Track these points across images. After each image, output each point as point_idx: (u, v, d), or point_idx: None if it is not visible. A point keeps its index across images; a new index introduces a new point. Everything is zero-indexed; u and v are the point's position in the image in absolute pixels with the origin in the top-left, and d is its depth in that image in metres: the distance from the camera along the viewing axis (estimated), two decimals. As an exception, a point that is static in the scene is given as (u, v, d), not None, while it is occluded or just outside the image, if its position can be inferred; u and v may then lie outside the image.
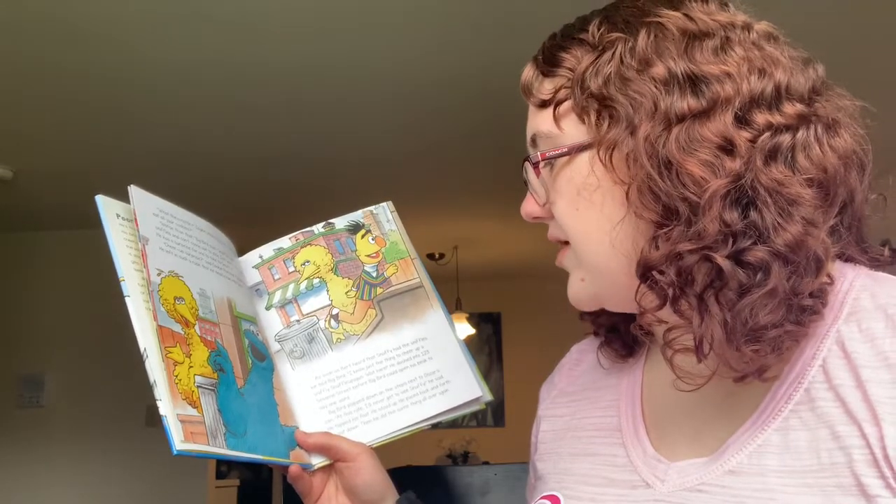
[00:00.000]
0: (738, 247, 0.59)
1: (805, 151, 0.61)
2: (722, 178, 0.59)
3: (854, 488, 0.57)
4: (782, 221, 0.59)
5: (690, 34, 0.64)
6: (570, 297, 0.73)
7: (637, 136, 0.62)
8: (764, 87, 0.62)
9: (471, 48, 2.64)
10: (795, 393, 0.62)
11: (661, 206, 0.61)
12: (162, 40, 2.52)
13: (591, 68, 0.66)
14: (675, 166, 0.60)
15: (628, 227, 0.64)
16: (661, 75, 0.63)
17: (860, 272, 0.66)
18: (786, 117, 0.62)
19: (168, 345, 0.76)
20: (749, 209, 0.60)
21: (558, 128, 0.68)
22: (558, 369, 0.88)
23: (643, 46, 0.64)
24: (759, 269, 0.59)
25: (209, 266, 0.87)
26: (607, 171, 0.65)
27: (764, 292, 0.59)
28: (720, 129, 0.61)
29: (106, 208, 0.81)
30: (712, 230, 0.59)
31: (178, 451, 0.72)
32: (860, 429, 0.58)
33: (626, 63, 0.64)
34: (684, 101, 0.61)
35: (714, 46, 0.64)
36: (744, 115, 0.61)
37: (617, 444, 0.74)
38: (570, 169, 0.68)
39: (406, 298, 0.94)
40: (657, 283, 0.62)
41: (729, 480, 0.63)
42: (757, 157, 0.60)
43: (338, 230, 0.98)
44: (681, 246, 0.60)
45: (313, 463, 0.87)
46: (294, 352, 0.92)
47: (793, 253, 0.59)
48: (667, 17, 0.65)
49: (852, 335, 0.61)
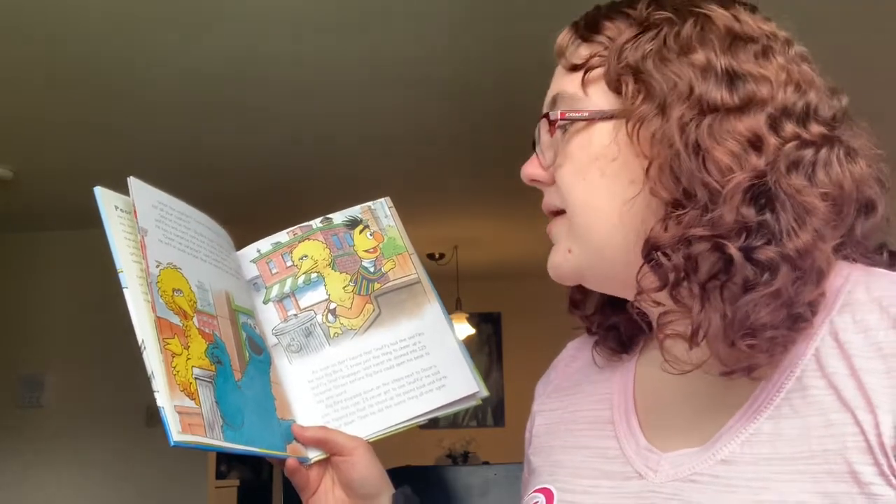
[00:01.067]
0: (749, 243, 0.60)
1: (825, 168, 0.62)
2: (747, 171, 0.60)
3: (846, 475, 0.57)
4: (796, 227, 0.60)
5: (735, 34, 0.65)
6: (550, 268, 0.73)
7: (669, 116, 0.63)
8: (797, 100, 0.63)
9: (470, 48, 2.65)
10: (787, 382, 0.62)
11: (681, 188, 0.61)
12: (163, 40, 2.52)
13: (633, 42, 0.66)
14: (703, 151, 0.61)
15: (640, 204, 0.64)
16: (701, 63, 0.63)
17: (855, 268, 0.67)
18: (811, 134, 0.63)
19: (166, 336, 0.76)
20: (766, 209, 0.60)
21: (584, 92, 0.69)
22: (554, 366, 0.88)
23: (688, 33, 0.65)
24: (768, 268, 0.59)
25: (207, 259, 0.87)
26: (631, 144, 0.65)
27: (769, 292, 0.59)
28: (752, 125, 0.62)
29: (104, 200, 0.81)
30: (729, 220, 0.60)
31: (176, 442, 0.71)
32: (854, 416, 0.58)
33: (669, 45, 0.65)
34: (719, 93, 0.62)
35: (756, 51, 0.65)
36: (775, 122, 0.62)
37: (609, 436, 0.74)
38: (586, 135, 0.68)
39: (403, 294, 0.94)
40: (661, 266, 0.62)
41: (722, 470, 0.63)
42: (781, 161, 0.61)
43: (336, 225, 0.98)
44: (693, 230, 0.60)
45: (310, 457, 0.87)
46: (291, 346, 0.92)
47: (801, 259, 0.60)
48: (715, 13, 0.66)
49: (846, 326, 0.62)
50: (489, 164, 3.74)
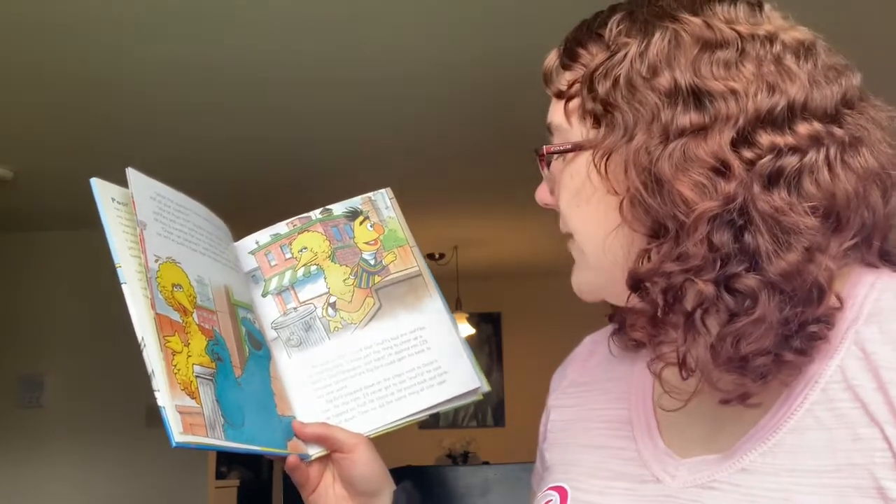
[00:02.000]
0: (726, 271, 0.58)
1: (813, 176, 0.59)
2: (713, 201, 0.58)
3: (872, 490, 0.56)
4: (778, 249, 0.57)
5: (703, 43, 0.62)
6: (573, 285, 0.73)
7: (631, 147, 0.61)
8: (773, 104, 0.59)
9: (469, 47, 2.64)
10: (812, 393, 0.61)
11: (651, 221, 0.60)
12: (163, 40, 2.52)
13: (601, 69, 0.64)
14: (666, 184, 0.59)
15: (622, 236, 0.64)
16: (666, 87, 0.61)
17: (882, 274, 0.64)
18: (796, 137, 0.59)
19: (166, 333, 0.74)
20: (744, 233, 0.58)
21: (568, 122, 0.68)
22: (571, 360, 0.87)
23: (654, 53, 0.62)
24: (748, 296, 0.58)
25: (206, 252, 0.85)
26: (602, 178, 0.64)
27: (750, 321, 0.58)
28: (714, 149, 0.59)
29: (101, 191, 0.78)
30: (697, 253, 0.58)
31: (178, 443, 0.70)
32: (882, 431, 0.56)
33: (636, 69, 0.62)
34: (686, 116, 0.60)
35: (726, 59, 0.61)
36: (747, 135, 0.59)
37: (627, 437, 0.73)
38: (573, 165, 0.68)
39: (404, 287, 0.93)
40: (647, 296, 0.62)
41: (741, 478, 0.62)
42: (755, 181, 0.58)
43: (336, 216, 0.96)
44: (664, 266, 0.60)
45: (310, 453, 0.86)
46: (291, 340, 0.91)
47: (787, 282, 0.57)
48: (685, 23, 0.63)
49: (872, 336, 0.60)
50: (489, 165, 3.74)
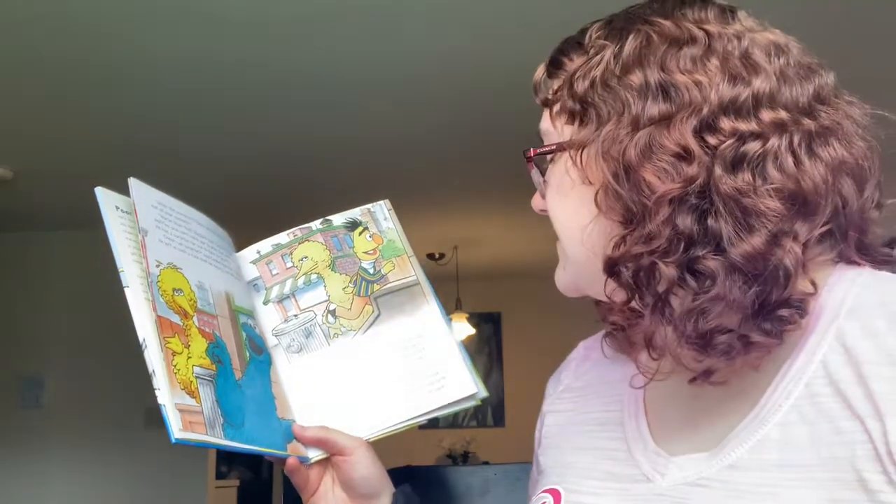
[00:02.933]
0: (690, 254, 0.60)
1: (776, 161, 0.61)
2: (674, 184, 0.61)
3: (855, 483, 0.57)
4: (741, 232, 0.59)
5: (672, 41, 0.65)
6: (556, 282, 0.76)
7: (600, 139, 0.65)
8: (737, 94, 0.62)
9: (469, 47, 2.65)
10: (795, 388, 0.62)
11: (623, 208, 0.63)
12: (163, 39, 2.52)
13: (580, 71, 0.68)
14: (632, 171, 0.62)
15: (601, 225, 0.66)
16: (637, 83, 0.64)
17: (863, 271, 0.66)
18: (759, 124, 0.61)
19: (167, 335, 0.76)
20: (708, 217, 0.60)
21: (553, 126, 0.71)
22: (565, 365, 0.89)
23: (627, 53, 0.66)
24: (708, 276, 0.60)
25: (207, 259, 0.88)
26: (578, 170, 0.67)
27: (708, 298, 0.60)
28: (677, 137, 0.62)
29: (105, 200, 0.81)
30: (661, 234, 0.61)
31: (177, 439, 0.72)
32: (863, 424, 0.57)
33: (610, 69, 0.66)
34: (655, 107, 0.63)
35: (693, 55, 0.64)
36: (711, 122, 0.62)
37: (619, 437, 0.74)
38: (556, 165, 0.71)
39: (402, 296, 0.95)
40: (620, 280, 0.64)
41: (729, 475, 0.63)
42: (717, 164, 0.60)
43: (335, 227, 0.99)
44: (633, 248, 0.62)
45: (310, 456, 0.87)
46: (291, 346, 0.93)
47: (749, 264, 0.59)
48: (655, 25, 0.66)
49: (853, 332, 0.61)
50: (489, 165, 3.74)
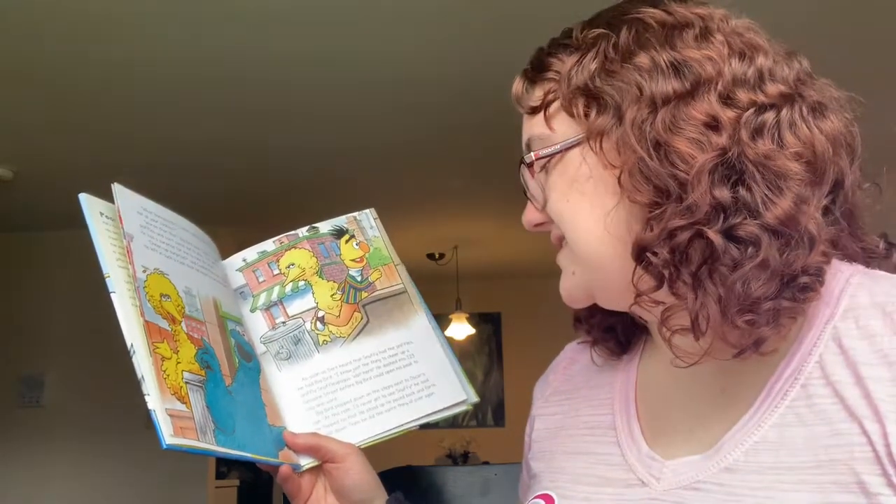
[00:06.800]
0: (729, 223, 0.60)
1: (791, 129, 0.62)
2: (709, 153, 0.60)
3: (853, 485, 0.56)
4: (772, 195, 0.60)
5: (670, 25, 0.66)
6: (562, 293, 0.74)
7: (624, 122, 0.63)
8: (746, 68, 0.64)
9: (468, 47, 2.64)
10: (791, 389, 0.62)
11: (653, 187, 0.62)
12: (163, 41, 2.52)
13: (576, 66, 0.68)
14: (664, 146, 0.62)
15: (622, 213, 0.65)
16: (645, 63, 0.64)
17: (857, 270, 0.66)
18: (769, 96, 0.63)
19: (155, 340, 0.76)
20: (739, 186, 0.60)
21: (550, 129, 0.70)
22: (552, 368, 0.88)
23: (625, 41, 0.66)
24: (750, 242, 0.59)
25: (194, 265, 0.87)
26: (598, 158, 0.66)
27: (755, 264, 0.59)
28: (705, 107, 0.62)
29: (90, 206, 0.81)
30: (703, 205, 0.60)
31: (168, 445, 0.71)
32: (861, 426, 0.57)
33: (610, 57, 0.66)
34: (669, 85, 0.63)
35: (694, 35, 0.65)
36: (727, 95, 0.63)
37: (611, 442, 0.74)
38: (562, 164, 0.69)
39: (390, 303, 0.95)
40: (652, 265, 0.62)
41: (725, 478, 0.62)
42: (742, 132, 0.61)
43: (322, 234, 0.98)
44: (672, 222, 0.61)
45: (302, 464, 0.87)
46: (280, 353, 0.92)
47: (784, 227, 0.59)
48: (646, 13, 0.67)
49: (849, 332, 0.61)
50: (489, 165, 3.73)
